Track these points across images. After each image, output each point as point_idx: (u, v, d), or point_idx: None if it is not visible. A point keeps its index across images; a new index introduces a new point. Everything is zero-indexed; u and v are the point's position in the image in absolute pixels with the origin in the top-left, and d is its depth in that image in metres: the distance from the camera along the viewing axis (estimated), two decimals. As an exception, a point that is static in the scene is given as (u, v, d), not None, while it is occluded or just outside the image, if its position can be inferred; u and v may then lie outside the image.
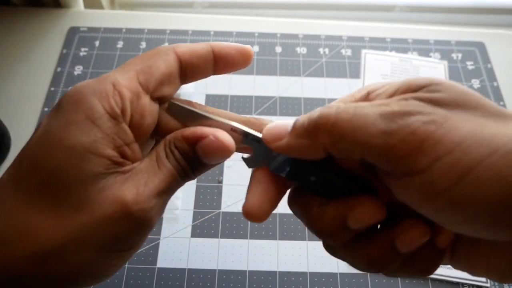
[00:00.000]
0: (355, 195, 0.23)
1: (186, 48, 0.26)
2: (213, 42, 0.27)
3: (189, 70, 0.26)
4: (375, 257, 0.23)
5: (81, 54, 0.53)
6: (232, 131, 0.25)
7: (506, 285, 0.40)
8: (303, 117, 0.23)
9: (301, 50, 0.55)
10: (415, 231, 0.22)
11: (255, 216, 0.24)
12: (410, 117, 0.20)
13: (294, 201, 0.26)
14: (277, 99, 0.51)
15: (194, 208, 0.43)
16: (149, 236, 0.32)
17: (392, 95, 0.22)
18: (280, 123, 0.24)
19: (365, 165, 0.23)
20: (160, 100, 0.26)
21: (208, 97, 0.50)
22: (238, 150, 0.26)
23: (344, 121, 0.21)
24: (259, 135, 0.25)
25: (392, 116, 0.20)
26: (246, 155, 0.25)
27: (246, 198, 0.24)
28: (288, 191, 0.26)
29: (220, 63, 0.27)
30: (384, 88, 0.23)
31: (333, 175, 0.24)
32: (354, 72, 0.53)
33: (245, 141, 0.25)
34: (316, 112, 0.23)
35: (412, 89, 0.21)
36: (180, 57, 0.26)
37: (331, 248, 0.26)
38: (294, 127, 0.23)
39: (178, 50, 0.26)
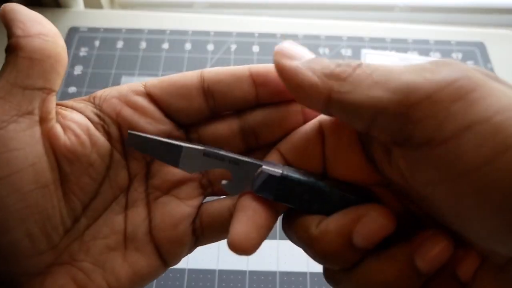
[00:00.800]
0: (358, 206, 0.20)
1: (213, 68, 0.24)
2: (255, 65, 0.23)
3: (216, 90, 0.23)
4: (391, 280, 0.19)
5: (81, 54, 0.53)
6: (205, 156, 0.22)
7: None
8: (322, 58, 0.20)
9: (301, 50, 0.55)
10: (439, 243, 0.19)
11: (243, 248, 0.21)
12: (446, 67, 0.16)
13: (288, 225, 0.23)
14: (277, 99, 0.51)
15: (194, 208, 0.43)
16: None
17: None
18: (299, 48, 0.21)
19: (367, 159, 0.21)
20: (172, 112, 0.23)
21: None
22: (214, 177, 0.24)
23: (363, 74, 0.18)
24: (237, 156, 0.22)
25: (423, 68, 0.17)
26: (224, 181, 0.23)
27: (231, 227, 0.21)
28: (280, 217, 0.23)
29: (264, 89, 0.23)
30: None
31: (327, 188, 0.21)
32: (354, 72, 0.53)
33: (220, 165, 0.22)
34: (339, 59, 0.20)
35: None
36: (204, 72, 0.23)
37: (333, 279, 0.22)
38: (312, 60, 0.20)
39: (204, 70, 0.23)
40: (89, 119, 0.23)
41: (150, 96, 0.23)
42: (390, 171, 0.20)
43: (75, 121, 0.22)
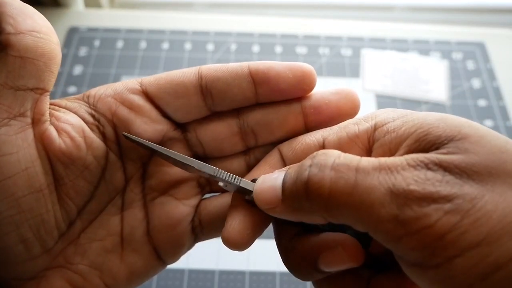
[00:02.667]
0: (333, 233, 0.20)
1: (211, 65, 0.23)
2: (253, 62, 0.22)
3: (214, 88, 0.22)
4: None
5: (81, 54, 0.53)
6: (197, 170, 0.22)
7: None
8: (292, 176, 0.19)
9: (301, 50, 0.55)
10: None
11: (236, 243, 0.21)
12: (430, 204, 0.16)
13: (274, 226, 0.23)
14: (277, 99, 0.51)
15: (194, 208, 0.43)
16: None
17: (404, 139, 0.18)
18: (267, 184, 0.20)
19: None
20: (167, 111, 0.23)
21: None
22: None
23: (343, 195, 0.17)
24: (228, 179, 0.21)
25: (407, 198, 0.16)
26: (221, 183, 0.22)
27: (226, 223, 0.21)
28: None
29: (264, 88, 0.22)
30: (395, 125, 0.19)
31: None
32: (354, 72, 0.53)
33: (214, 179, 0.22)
34: (304, 172, 0.18)
35: (431, 141, 0.17)
36: (202, 69, 0.23)
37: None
38: (285, 193, 0.19)
39: (202, 66, 0.23)
40: (83, 119, 0.22)
41: (146, 94, 0.23)
42: None
43: (70, 123, 0.21)
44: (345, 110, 0.23)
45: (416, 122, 0.19)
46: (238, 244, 0.21)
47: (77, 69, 0.52)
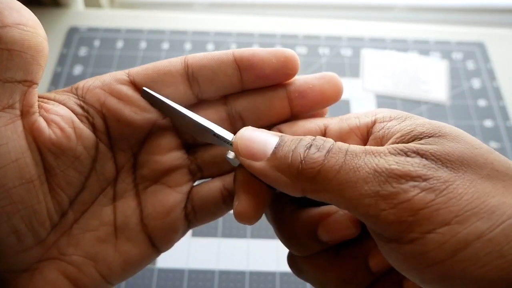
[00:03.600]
0: (331, 205, 0.21)
1: (197, 54, 0.24)
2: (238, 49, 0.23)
3: (200, 76, 0.23)
4: (346, 275, 0.21)
5: (81, 54, 0.53)
6: (215, 136, 0.22)
7: None
8: (287, 147, 0.20)
9: (301, 50, 0.55)
10: None
11: (249, 217, 0.22)
12: (408, 181, 0.17)
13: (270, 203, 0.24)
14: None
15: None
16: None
17: (393, 135, 0.20)
18: (260, 138, 0.21)
19: None
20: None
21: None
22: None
23: (331, 172, 0.18)
24: None
25: (388, 176, 0.18)
26: (231, 154, 0.23)
27: (237, 199, 0.22)
28: None
29: (248, 73, 0.23)
30: (390, 123, 0.21)
31: None
32: (354, 72, 0.53)
33: (226, 146, 0.23)
34: (303, 147, 0.20)
35: (414, 135, 0.19)
36: (188, 58, 0.23)
37: (296, 267, 0.24)
38: (275, 156, 0.20)
39: (187, 55, 0.24)
40: (72, 111, 0.22)
41: (134, 84, 0.23)
42: None
43: (59, 114, 0.22)
44: (328, 94, 0.24)
45: (408, 122, 0.20)
46: (251, 217, 0.21)
47: (77, 69, 0.52)
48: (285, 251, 0.41)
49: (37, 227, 0.21)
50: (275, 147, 0.20)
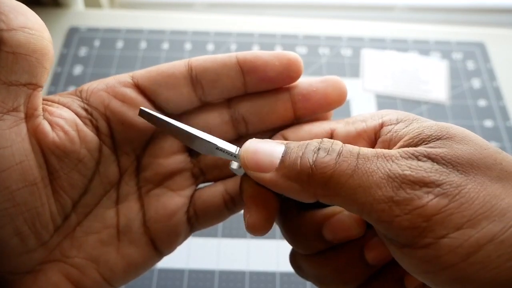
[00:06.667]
0: (336, 206, 0.22)
1: (200, 56, 0.24)
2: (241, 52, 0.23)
3: (204, 78, 0.23)
4: (342, 267, 0.22)
5: (81, 54, 0.53)
6: (218, 150, 0.22)
7: None
8: (294, 154, 0.20)
9: (301, 50, 0.55)
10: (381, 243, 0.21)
11: (262, 229, 0.22)
12: (422, 188, 0.17)
13: None
14: (277, 99, 0.51)
15: (194, 208, 0.43)
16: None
17: (402, 138, 0.20)
18: (264, 148, 0.21)
19: None
20: (159, 102, 0.24)
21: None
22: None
23: (343, 176, 0.18)
24: None
25: (402, 182, 0.18)
26: (235, 165, 0.22)
27: (248, 212, 0.22)
28: None
29: (252, 76, 0.23)
30: (398, 126, 0.21)
31: None
32: (354, 72, 0.53)
33: (232, 158, 0.22)
34: (311, 152, 0.19)
35: (422, 139, 0.19)
36: (191, 61, 0.23)
37: (296, 264, 0.25)
38: (284, 164, 0.20)
39: (191, 58, 0.23)
40: (76, 114, 0.22)
41: (138, 87, 0.23)
42: None
43: (63, 117, 0.22)
44: (332, 97, 0.24)
45: (415, 125, 0.20)
46: (263, 229, 0.21)
47: (77, 69, 0.52)
48: (285, 251, 0.41)
49: (40, 230, 0.21)
50: (282, 156, 0.20)
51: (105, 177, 0.23)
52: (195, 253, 0.40)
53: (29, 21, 0.20)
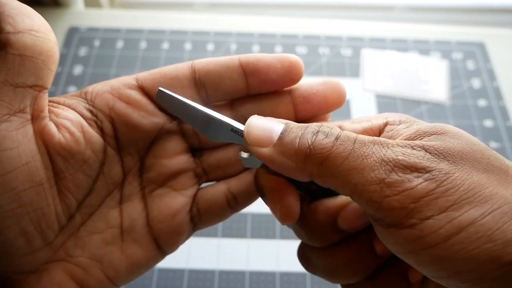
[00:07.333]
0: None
1: (203, 59, 0.24)
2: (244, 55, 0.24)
3: (207, 81, 0.24)
4: (353, 257, 0.22)
5: (81, 54, 0.53)
6: (232, 132, 0.22)
7: None
8: (293, 133, 0.20)
9: (301, 50, 0.55)
10: None
11: (294, 217, 0.22)
12: (413, 172, 0.18)
13: None
14: (277, 99, 0.51)
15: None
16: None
17: (401, 135, 0.21)
18: (266, 125, 0.21)
19: None
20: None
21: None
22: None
23: (339, 158, 0.19)
24: None
25: (394, 166, 0.19)
26: (244, 154, 0.23)
27: (277, 203, 0.22)
28: None
29: (254, 78, 0.24)
30: (400, 126, 0.22)
31: None
32: (354, 72, 0.53)
33: (244, 142, 0.22)
34: (310, 133, 0.20)
35: (419, 134, 0.20)
36: (194, 63, 0.24)
37: (304, 257, 0.25)
38: (282, 141, 0.20)
39: (194, 61, 0.24)
40: (81, 115, 0.23)
41: (142, 89, 0.24)
42: None
43: (69, 119, 0.22)
44: (332, 99, 0.24)
45: (415, 126, 0.21)
46: (295, 217, 0.22)
47: (77, 69, 0.52)
48: (285, 251, 0.41)
49: (45, 229, 0.21)
50: (281, 133, 0.21)
51: (109, 177, 0.24)
52: (195, 253, 0.40)
53: (35, 24, 0.20)
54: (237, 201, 0.25)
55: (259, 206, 0.42)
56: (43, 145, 0.21)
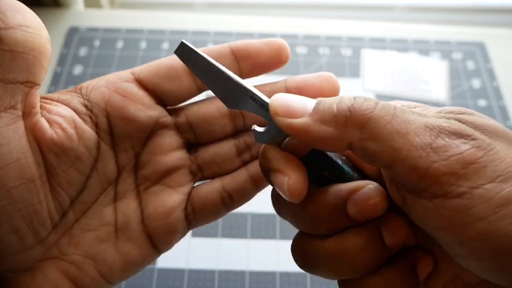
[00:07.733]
0: (359, 181, 0.21)
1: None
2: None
3: None
4: (360, 248, 0.21)
5: (81, 54, 0.53)
6: (250, 99, 0.21)
7: None
8: (329, 101, 0.20)
9: (301, 50, 0.55)
10: (402, 224, 0.21)
11: (301, 193, 0.21)
12: (459, 138, 0.18)
13: None
14: (277, 99, 0.51)
15: (194, 208, 0.43)
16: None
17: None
18: (297, 97, 0.20)
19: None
20: (160, 95, 0.24)
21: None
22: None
23: (382, 120, 0.18)
24: None
25: (440, 132, 0.18)
26: (258, 128, 0.22)
27: (285, 175, 0.21)
28: None
29: (246, 63, 0.25)
30: (420, 108, 0.21)
31: (350, 173, 0.22)
32: (354, 72, 0.53)
33: (261, 112, 0.22)
34: (348, 99, 0.20)
35: (447, 112, 0.20)
36: None
37: (301, 249, 0.23)
38: (318, 109, 0.20)
39: None
40: (75, 110, 0.22)
41: (139, 81, 0.24)
42: (397, 198, 0.21)
43: (61, 115, 0.22)
44: (327, 91, 0.24)
45: (435, 108, 0.21)
46: (303, 193, 0.21)
47: (77, 69, 0.52)
48: (285, 251, 0.41)
49: (37, 227, 0.21)
50: (316, 104, 0.20)
51: (103, 174, 0.23)
52: (195, 253, 0.40)
53: (27, 20, 0.20)
54: (232, 200, 0.25)
55: (259, 206, 0.42)
56: (34, 142, 0.21)
